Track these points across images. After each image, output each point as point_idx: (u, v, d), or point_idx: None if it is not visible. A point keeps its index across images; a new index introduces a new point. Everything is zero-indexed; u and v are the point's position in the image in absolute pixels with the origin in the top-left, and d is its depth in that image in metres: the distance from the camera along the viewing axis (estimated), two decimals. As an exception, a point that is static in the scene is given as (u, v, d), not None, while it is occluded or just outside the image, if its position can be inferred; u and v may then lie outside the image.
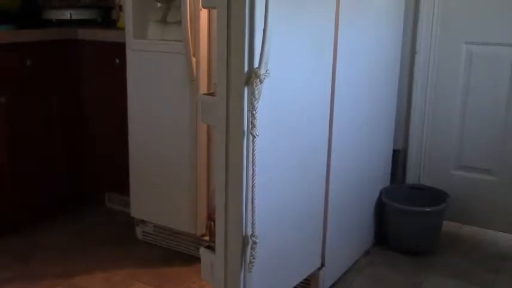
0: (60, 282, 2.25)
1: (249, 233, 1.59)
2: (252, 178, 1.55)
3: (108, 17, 3.09)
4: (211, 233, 2.19)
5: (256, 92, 1.50)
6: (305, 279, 2.08)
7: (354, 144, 2.22)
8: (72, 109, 2.89)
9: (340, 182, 2.13)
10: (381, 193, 2.58)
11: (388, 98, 2.58)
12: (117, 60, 2.65)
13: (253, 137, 1.52)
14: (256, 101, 1.50)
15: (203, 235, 2.36)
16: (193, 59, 2.18)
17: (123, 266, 2.38)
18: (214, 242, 1.70)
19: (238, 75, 1.51)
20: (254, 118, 1.51)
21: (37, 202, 2.76)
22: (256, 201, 1.57)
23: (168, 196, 2.39)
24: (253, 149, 1.53)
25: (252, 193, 1.56)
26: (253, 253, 1.60)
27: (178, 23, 2.18)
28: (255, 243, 1.59)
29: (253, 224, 1.59)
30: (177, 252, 2.50)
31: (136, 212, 2.54)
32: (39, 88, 2.71)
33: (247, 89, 1.51)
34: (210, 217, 2.28)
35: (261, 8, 1.47)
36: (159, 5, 2.38)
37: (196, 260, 2.19)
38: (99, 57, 2.79)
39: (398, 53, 2.62)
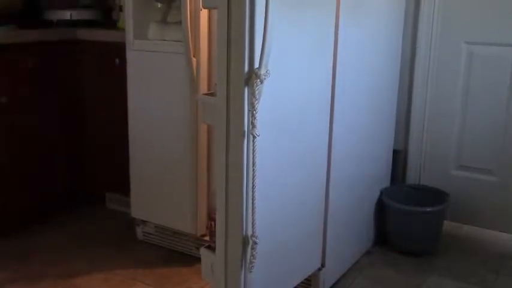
0: (60, 282, 2.25)
1: (249, 233, 1.59)
2: (253, 178, 1.55)
3: (108, 18, 3.09)
4: (212, 233, 2.19)
5: (257, 92, 1.49)
6: (305, 280, 2.08)
7: (354, 144, 2.22)
8: (72, 109, 2.89)
9: (341, 182, 2.13)
10: (381, 193, 2.58)
11: (389, 98, 2.58)
12: (117, 61, 2.65)
13: (254, 137, 1.52)
14: (256, 101, 1.50)
15: (203, 235, 2.36)
16: (194, 59, 2.17)
17: (124, 266, 2.38)
18: (214, 242, 1.70)
19: (238, 75, 1.51)
20: (254, 118, 1.51)
21: (37, 202, 2.76)
22: (256, 202, 1.57)
23: (168, 196, 2.39)
24: (253, 149, 1.53)
25: (253, 193, 1.56)
26: (254, 253, 1.60)
27: (179, 23, 2.18)
28: (255, 243, 1.59)
29: (253, 224, 1.58)
30: (178, 252, 2.50)
31: (136, 212, 2.54)
32: (39, 88, 2.71)
33: (248, 89, 1.51)
34: (211, 217, 2.28)
35: (261, 8, 1.47)
36: (159, 5, 2.38)
37: (197, 260, 2.19)
38: (100, 57, 2.79)
39: (399, 53, 2.62)
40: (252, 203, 1.57)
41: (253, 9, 1.47)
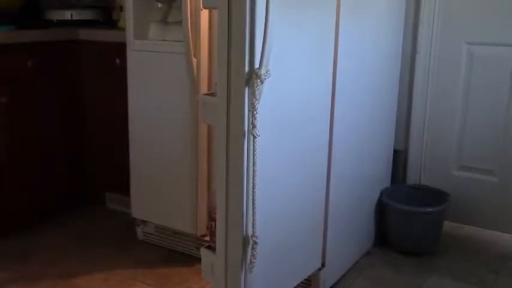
0: (60, 282, 2.24)
1: (250, 233, 1.59)
2: (253, 178, 1.55)
3: (109, 18, 3.10)
4: (212, 233, 2.19)
5: (257, 92, 1.49)
6: (305, 280, 2.08)
7: (354, 144, 2.22)
8: (72, 109, 2.89)
9: (341, 182, 2.13)
10: (381, 193, 2.58)
11: (389, 98, 2.58)
12: (118, 61, 2.65)
13: (254, 137, 1.52)
14: (256, 101, 1.50)
15: (204, 235, 2.36)
16: (194, 60, 2.17)
17: (124, 266, 2.38)
18: (215, 242, 1.70)
19: (238, 75, 1.51)
20: (255, 118, 1.51)
21: (37, 202, 2.76)
22: (256, 202, 1.57)
23: (168, 196, 2.39)
24: (253, 150, 1.53)
25: (253, 193, 1.56)
26: (254, 253, 1.60)
27: (179, 23, 2.18)
28: (255, 243, 1.59)
29: (253, 224, 1.58)
30: (178, 252, 2.50)
31: (137, 212, 2.54)
32: (39, 88, 2.71)
33: (248, 89, 1.51)
34: (211, 217, 2.28)
35: (261, 8, 1.47)
36: (159, 5, 2.38)
37: (197, 260, 2.19)
38: (100, 57, 2.79)
39: (399, 53, 2.62)
40: (253, 203, 1.57)
41: (254, 10, 1.47)
